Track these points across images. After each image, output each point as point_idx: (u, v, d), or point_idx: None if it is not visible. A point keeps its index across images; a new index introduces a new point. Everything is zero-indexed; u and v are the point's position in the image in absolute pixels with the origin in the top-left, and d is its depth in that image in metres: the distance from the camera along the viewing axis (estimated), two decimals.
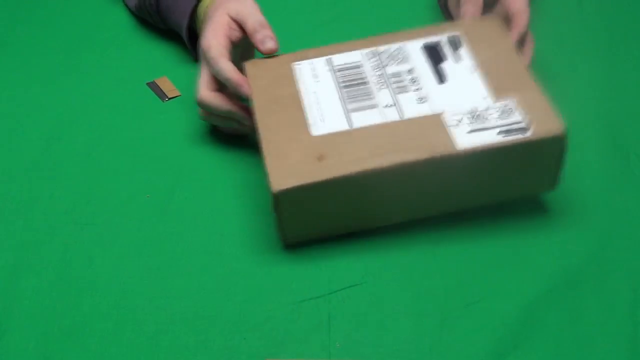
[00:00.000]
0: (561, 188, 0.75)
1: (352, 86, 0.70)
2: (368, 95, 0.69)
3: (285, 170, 0.64)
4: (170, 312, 0.64)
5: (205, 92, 0.73)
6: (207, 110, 0.75)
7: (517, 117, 0.66)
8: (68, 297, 0.65)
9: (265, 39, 0.73)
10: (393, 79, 0.70)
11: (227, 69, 0.71)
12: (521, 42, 0.77)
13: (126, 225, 0.71)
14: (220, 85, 0.74)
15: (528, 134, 0.64)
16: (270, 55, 0.74)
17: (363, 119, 0.67)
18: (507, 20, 0.78)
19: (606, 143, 0.81)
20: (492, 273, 0.68)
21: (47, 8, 0.97)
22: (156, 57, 0.89)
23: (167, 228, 0.71)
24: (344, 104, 0.69)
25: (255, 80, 0.72)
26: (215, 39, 0.72)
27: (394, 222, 0.69)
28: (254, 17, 0.74)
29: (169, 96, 0.84)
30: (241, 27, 0.74)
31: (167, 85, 0.86)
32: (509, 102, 0.67)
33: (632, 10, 1.00)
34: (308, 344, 0.62)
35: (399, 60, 0.72)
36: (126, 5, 0.95)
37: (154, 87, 0.86)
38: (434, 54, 0.72)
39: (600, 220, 0.73)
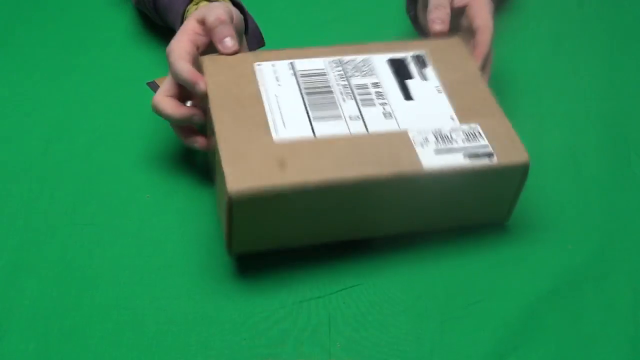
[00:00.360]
0: (561, 188, 0.75)
1: (317, 93, 0.68)
2: (333, 104, 0.67)
3: (244, 172, 0.61)
4: (170, 312, 0.64)
5: (159, 96, 0.70)
6: (163, 117, 0.71)
7: (482, 141, 0.65)
8: (68, 297, 0.65)
9: (224, 38, 0.70)
10: (358, 91, 0.68)
11: (184, 69, 0.68)
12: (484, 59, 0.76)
13: (126, 225, 0.71)
14: (181, 93, 0.71)
15: (494, 160, 0.64)
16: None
17: (327, 128, 0.65)
18: (472, 33, 0.77)
19: (606, 143, 0.81)
20: (492, 273, 0.68)
21: (47, 8, 0.97)
22: (156, 56, 0.89)
23: (167, 228, 0.71)
24: (308, 110, 0.66)
25: (212, 76, 0.69)
26: (177, 44, 0.70)
27: (352, 238, 0.68)
28: (213, 14, 0.70)
29: None
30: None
31: None
32: (475, 127, 0.67)
33: (632, 10, 1.00)
34: (308, 344, 0.62)
35: (364, 73, 0.70)
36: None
37: (154, 86, 0.86)
38: (400, 69, 0.71)
39: (601, 220, 0.73)
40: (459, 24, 0.80)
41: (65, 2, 0.98)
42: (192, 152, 0.78)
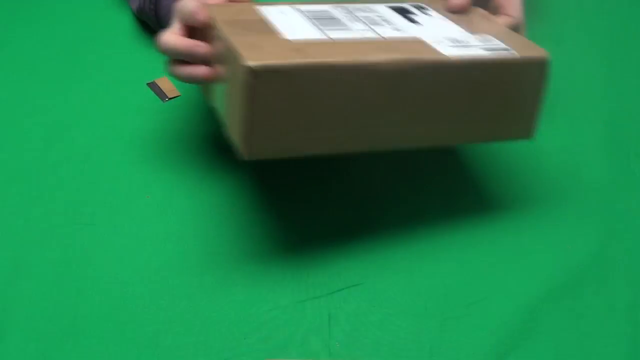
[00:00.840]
0: (561, 188, 0.75)
1: (323, 19, 0.68)
2: (342, 24, 0.67)
3: (262, 54, 0.58)
4: (170, 312, 0.64)
5: (163, 33, 0.68)
6: (167, 54, 0.68)
7: (498, 43, 0.66)
8: (68, 297, 0.65)
9: None
10: (364, 17, 0.69)
11: (189, 3, 0.67)
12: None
13: (126, 225, 0.71)
14: (185, 35, 0.69)
15: (513, 53, 0.64)
16: None
17: (340, 35, 0.64)
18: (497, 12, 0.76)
19: (606, 143, 0.81)
20: (492, 273, 0.68)
21: (48, 8, 0.97)
22: (157, 57, 0.89)
23: (167, 228, 0.71)
24: (317, 27, 0.66)
25: (217, 12, 0.68)
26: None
27: (368, 148, 0.64)
28: None
29: (169, 96, 0.84)
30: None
31: (168, 86, 0.86)
32: (487, 35, 0.67)
33: (632, 10, 1.00)
34: (308, 344, 0.62)
35: (367, 11, 0.71)
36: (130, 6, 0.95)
37: (154, 87, 0.86)
38: (402, 10, 0.72)
39: (601, 220, 0.73)
40: (484, 3, 0.77)
41: (65, 2, 0.99)
42: (192, 153, 0.78)
